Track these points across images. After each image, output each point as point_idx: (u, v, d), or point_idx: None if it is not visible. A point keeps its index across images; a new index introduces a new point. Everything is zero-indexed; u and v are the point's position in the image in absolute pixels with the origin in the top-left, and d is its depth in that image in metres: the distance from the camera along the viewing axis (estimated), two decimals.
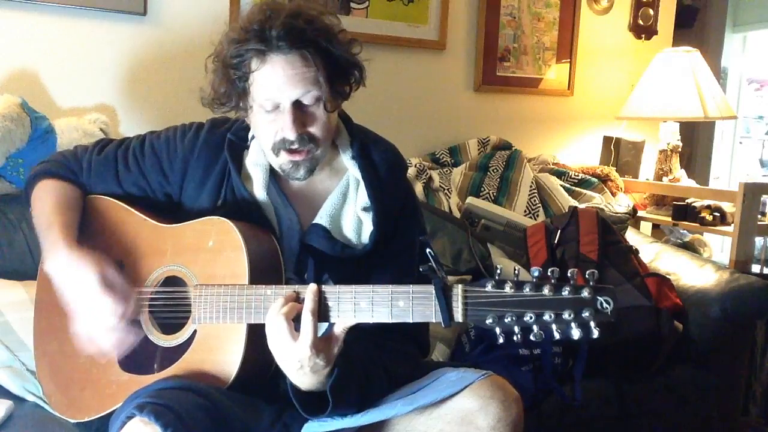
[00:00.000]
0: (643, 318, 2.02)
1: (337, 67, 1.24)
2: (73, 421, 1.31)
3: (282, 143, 1.22)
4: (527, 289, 1.01)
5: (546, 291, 1.00)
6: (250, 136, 1.35)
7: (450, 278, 1.99)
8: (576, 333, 0.99)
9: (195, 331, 1.22)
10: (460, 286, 1.04)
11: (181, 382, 1.14)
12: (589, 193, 2.72)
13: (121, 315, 1.19)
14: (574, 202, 2.60)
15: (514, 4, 2.87)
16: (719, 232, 2.86)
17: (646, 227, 3.10)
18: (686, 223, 2.87)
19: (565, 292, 0.99)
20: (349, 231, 1.32)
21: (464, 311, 1.04)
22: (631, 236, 2.60)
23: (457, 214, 2.42)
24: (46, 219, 1.29)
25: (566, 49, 3.02)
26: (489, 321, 1.02)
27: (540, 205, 2.58)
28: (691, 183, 3.20)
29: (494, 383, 1.15)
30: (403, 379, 1.24)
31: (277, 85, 1.19)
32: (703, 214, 2.78)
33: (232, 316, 1.17)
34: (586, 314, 0.98)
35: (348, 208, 1.32)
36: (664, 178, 3.07)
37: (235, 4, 2.29)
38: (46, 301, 1.38)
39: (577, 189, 2.73)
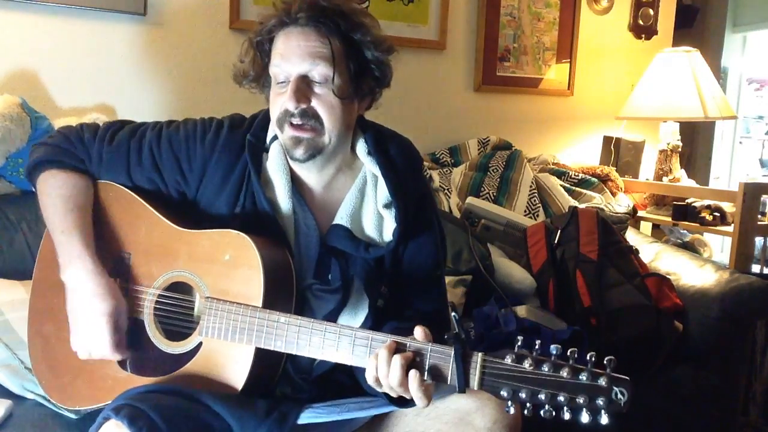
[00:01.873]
0: (643, 318, 2.02)
1: (358, 57, 1.23)
2: (63, 406, 1.31)
3: (285, 115, 1.20)
4: (546, 368, 1.00)
5: (564, 373, 0.99)
6: (268, 138, 1.31)
7: (450, 278, 2.01)
8: (585, 417, 0.98)
9: (200, 343, 1.21)
10: (479, 355, 1.03)
11: (168, 386, 1.14)
12: (589, 193, 2.72)
13: (114, 349, 1.22)
14: (574, 202, 2.60)
15: (514, 4, 2.87)
16: (719, 232, 2.86)
17: (646, 227, 3.10)
18: (686, 223, 2.87)
19: (583, 378, 0.99)
20: (370, 229, 1.28)
21: (480, 380, 1.03)
22: (631, 236, 2.60)
23: (457, 214, 2.42)
24: (60, 219, 1.26)
25: (566, 49, 3.02)
26: (504, 393, 1.01)
27: (540, 205, 2.58)
28: (691, 183, 3.20)
29: None
30: None
31: (286, 53, 1.19)
32: (703, 214, 2.78)
33: (242, 336, 1.16)
34: (599, 402, 0.98)
35: (367, 206, 1.29)
36: (664, 178, 3.07)
37: (235, 4, 2.29)
38: (44, 280, 1.35)
39: (577, 189, 2.73)
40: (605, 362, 1.00)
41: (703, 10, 4.43)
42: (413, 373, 1.03)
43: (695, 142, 4.53)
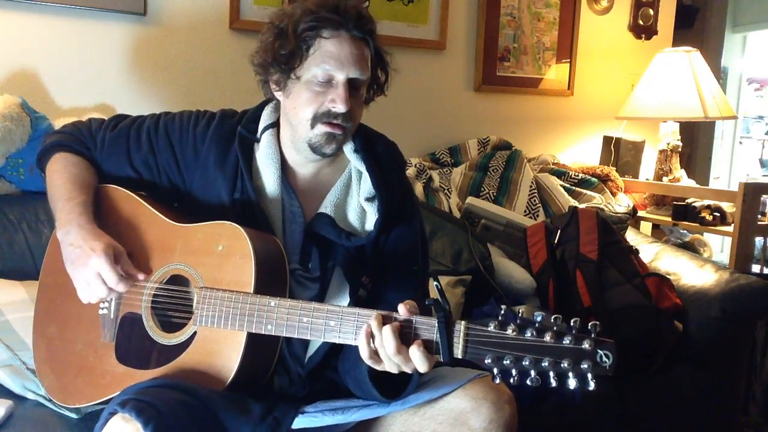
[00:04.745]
0: (643, 318, 2.02)
1: (378, 68, 1.34)
2: (64, 405, 1.33)
3: (326, 115, 1.26)
4: (529, 334, 1.00)
5: (547, 338, 0.99)
6: (260, 129, 1.37)
7: (450, 278, 2.01)
8: (572, 383, 0.98)
9: (195, 333, 1.22)
10: (463, 323, 1.04)
11: (168, 381, 1.15)
12: (589, 193, 2.72)
13: (116, 279, 1.21)
14: (574, 202, 2.60)
15: (514, 4, 2.87)
16: (719, 232, 2.86)
17: (646, 227, 3.10)
18: (686, 223, 2.87)
19: (566, 341, 0.98)
20: (353, 220, 1.35)
21: (464, 348, 1.04)
22: (631, 236, 2.60)
23: (457, 214, 2.42)
24: (67, 190, 1.31)
25: (566, 49, 3.02)
26: (487, 360, 1.01)
27: (540, 205, 2.58)
28: (691, 183, 3.20)
29: (487, 384, 1.15)
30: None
31: (340, 58, 1.24)
32: (703, 214, 2.78)
33: (234, 322, 1.18)
34: (584, 366, 0.97)
35: (352, 199, 1.36)
36: (664, 178, 3.07)
37: (235, 5, 2.29)
38: (50, 284, 1.39)
39: (577, 189, 2.73)
40: (589, 327, 0.99)
41: (703, 10, 4.43)
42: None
43: (695, 142, 4.53)
